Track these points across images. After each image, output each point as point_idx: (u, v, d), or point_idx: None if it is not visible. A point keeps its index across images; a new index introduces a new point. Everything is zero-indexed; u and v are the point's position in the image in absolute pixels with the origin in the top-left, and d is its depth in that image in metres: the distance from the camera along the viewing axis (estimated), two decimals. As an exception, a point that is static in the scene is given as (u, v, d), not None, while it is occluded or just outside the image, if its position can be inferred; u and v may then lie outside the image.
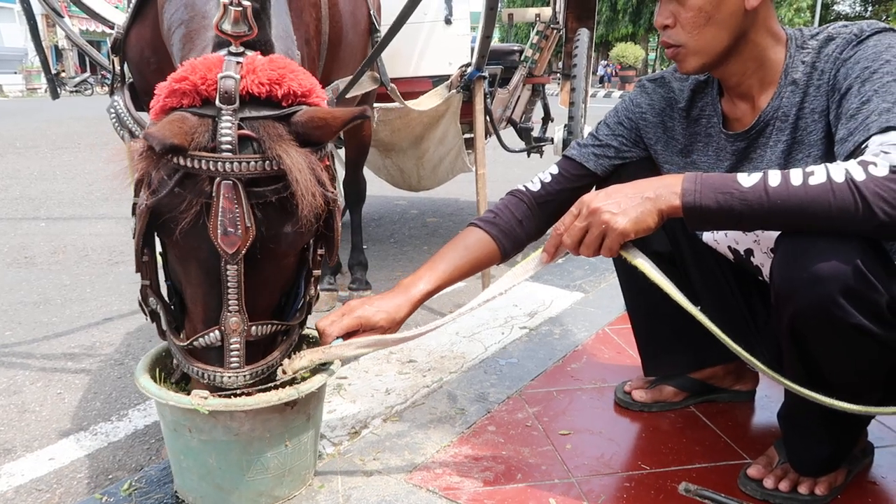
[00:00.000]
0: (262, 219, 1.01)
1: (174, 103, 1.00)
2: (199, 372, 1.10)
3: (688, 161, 1.40)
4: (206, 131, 0.98)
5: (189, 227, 0.98)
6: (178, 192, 0.97)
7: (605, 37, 28.62)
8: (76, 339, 2.49)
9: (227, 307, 1.04)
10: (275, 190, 1.00)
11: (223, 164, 0.96)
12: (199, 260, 1.04)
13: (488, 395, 1.72)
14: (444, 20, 3.32)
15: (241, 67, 1.00)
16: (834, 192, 0.96)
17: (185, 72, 1.00)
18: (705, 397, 1.66)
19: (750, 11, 1.19)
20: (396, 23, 1.79)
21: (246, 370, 1.10)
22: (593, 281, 2.69)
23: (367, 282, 2.93)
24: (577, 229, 1.13)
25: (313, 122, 1.01)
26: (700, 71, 1.27)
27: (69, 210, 4.83)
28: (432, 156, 3.50)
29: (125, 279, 3.20)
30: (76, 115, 12.89)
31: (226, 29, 1.02)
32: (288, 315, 1.20)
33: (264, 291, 1.10)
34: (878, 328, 1.02)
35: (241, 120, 0.99)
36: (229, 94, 0.98)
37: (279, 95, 1.02)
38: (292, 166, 0.97)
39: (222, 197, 0.96)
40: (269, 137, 0.98)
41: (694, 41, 1.22)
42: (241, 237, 0.98)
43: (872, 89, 1.07)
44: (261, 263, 1.04)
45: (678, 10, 1.21)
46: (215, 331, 1.07)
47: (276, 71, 1.02)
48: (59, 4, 2.20)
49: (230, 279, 1.02)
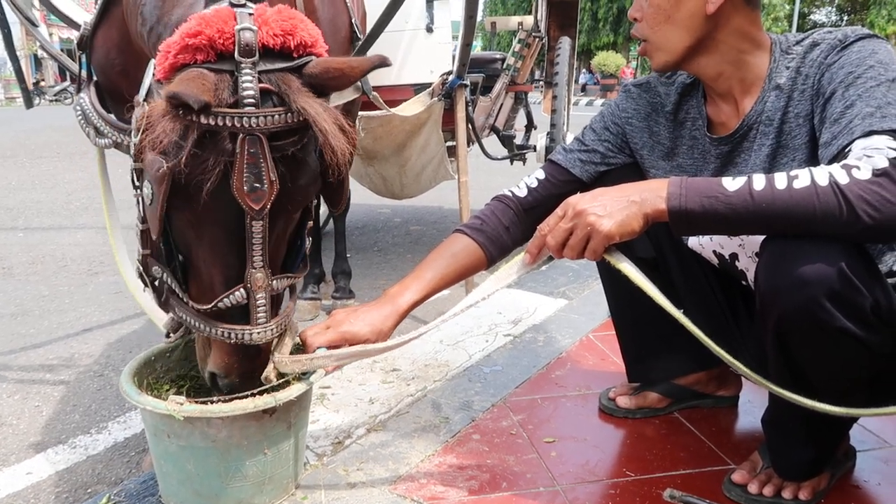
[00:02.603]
0: (284, 172, 0.99)
1: (187, 59, 0.96)
2: (226, 332, 1.07)
3: (673, 164, 1.41)
4: (227, 87, 0.95)
5: (214, 185, 0.95)
6: (197, 152, 0.94)
7: (587, 45, 28.85)
8: (54, 351, 2.45)
9: (252, 264, 1.02)
10: (294, 142, 0.99)
11: (248, 119, 0.94)
12: (221, 220, 1.01)
13: (473, 403, 1.71)
14: (426, 28, 3.33)
15: (254, 19, 0.98)
16: (818, 196, 0.97)
17: (199, 26, 0.96)
18: (689, 403, 1.66)
19: (711, 16, 1.20)
20: (374, 30, 1.79)
21: (272, 324, 1.08)
22: (577, 287, 2.69)
23: (351, 290, 2.91)
24: (561, 230, 1.13)
25: (329, 72, 1.00)
26: (667, 68, 1.29)
27: (48, 220, 4.77)
28: (415, 164, 3.49)
29: (105, 289, 3.16)
30: (56, 124, 12.75)
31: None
32: (295, 266, 1.19)
33: (279, 245, 1.10)
34: (861, 331, 1.03)
35: (260, 73, 0.97)
36: (250, 47, 0.95)
37: (292, 46, 1.00)
38: (317, 117, 0.95)
39: (246, 153, 0.94)
40: (290, 90, 0.97)
41: (656, 37, 1.25)
42: (266, 192, 0.96)
43: (856, 94, 1.08)
44: (278, 217, 1.03)
45: (644, 5, 1.25)
46: (240, 289, 1.04)
47: (288, 21, 1.00)
48: (36, 14, 2.18)
49: (255, 235, 1.00)
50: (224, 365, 1.11)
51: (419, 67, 3.31)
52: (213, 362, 1.13)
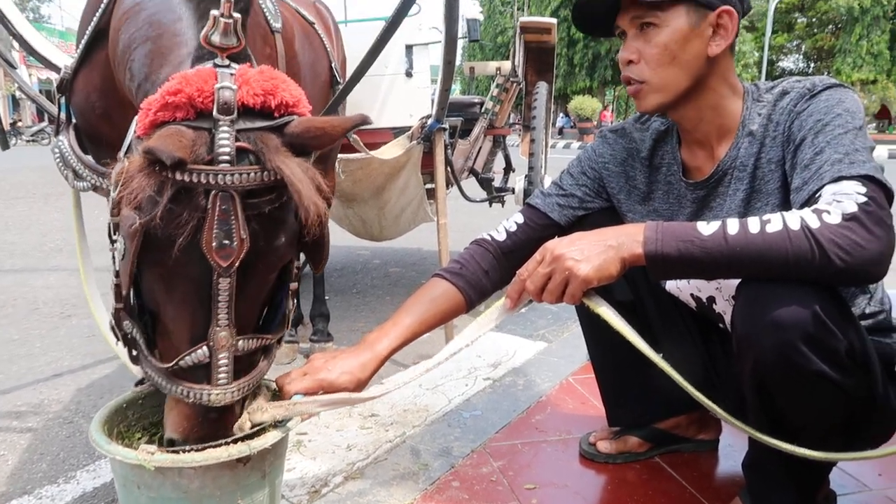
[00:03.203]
0: (257, 230, 0.98)
1: (167, 116, 0.97)
2: (185, 391, 1.05)
3: (649, 209, 1.43)
4: (204, 144, 0.95)
5: (184, 242, 0.94)
6: (171, 208, 0.94)
7: (564, 90, 29.44)
8: (23, 397, 2.38)
9: (217, 322, 1.01)
10: (269, 201, 0.98)
11: (222, 176, 0.94)
12: (188, 276, 1.00)
13: (452, 449, 1.69)
14: (405, 73, 3.38)
15: (235, 78, 0.99)
16: (791, 240, 0.98)
17: (179, 84, 0.97)
18: (670, 447, 1.65)
19: (711, 59, 1.23)
20: (354, 75, 1.81)
21: (233, 386, 1.06)
22: (556, 330, 2.69)
23: (329, 333, 2.88)
24: (540, 275, 1.13)
25: (310, 131, 1.01)
26: (658, 110, 1.29)
27: (21, 262, 4.69)
28: (394, 206, 3.50)
29: (77, 332, 3.10)
30: (32, 164, 12.65)
31: (215, 41, 1.01)
32: (270, 328, 1.17)
33: (251, 304, 1.08)
34: (837, 374, 1.04)
35: (238, 132, 0.97)
36: (228, 105, 0.96)
37: (273, 106, 1.00)
38: (293, 177, 0.95)
39: (218, 209, 0.94)
40: (267, 149, 0.97)
41: (657, 78, 1.24)
42: (235, 249, 0.96)
43: (825, 141, 1.11)
44: (250, 275, 1.02)
45: (643, 47, 1.24)
46: (202, 347, 1.03)
47: (270, 81, 1.01)
48: (15, 56, 2.18)
49: (221, 293, 0.99)
50: (181, 429, 1.08)
51: (399, 111, 3.35)
52: (170, 425, 1.10)
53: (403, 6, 1.69)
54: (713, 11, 1.21)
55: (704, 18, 1.21)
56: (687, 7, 1.20)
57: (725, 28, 1.22)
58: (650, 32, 1.23)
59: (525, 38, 4.22)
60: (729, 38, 1.23)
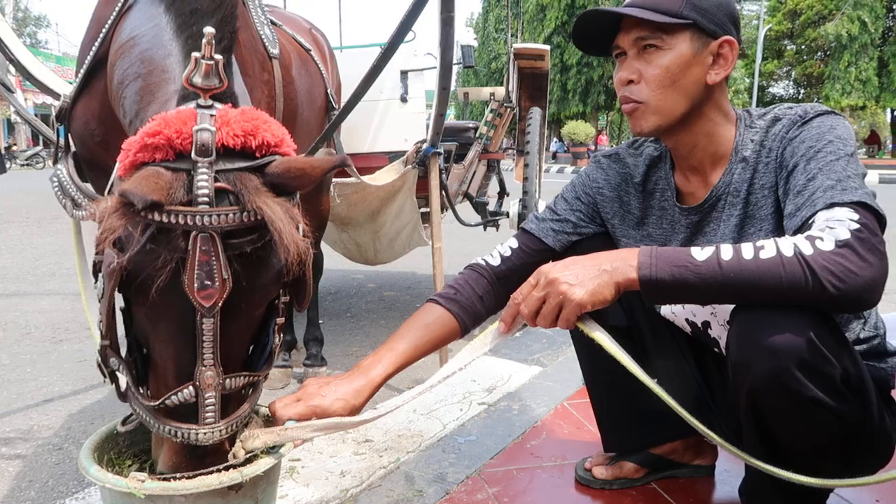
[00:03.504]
0: (239, 270, 0.98)
1: (146, 158, 0.98)
2: (172, 430, 1.04)
3: (643, 234, 1.43)
4: (182, 185, 0.96)
5: (164, 283, 0.95)
6: (151, 248, 0.95)
7: (557, 115, 29.71)
8: (12, 423, 2.36)
9: (202, 362, 1.01)
10: (251, 241, 0.99)
11: (200, 217, 0.94)
12: (172, 316, 1.00)
13: (447, 475, 1.67)
14: (400, 98, 3.41)
15: (215, 120, 1.00)
16: (784, 266, 0.99)
17: (158, 126, 0.98)
18: (666, 473, 1.64)
19: (709, 86, 1.25)
20: (350, 101, 1.83)
21: (221, 424, 1.05)
22: (551, 354, 2.68)
23: (323, 357, 2.87)
24: (534, 299, 1.13)
25: (291, 171, 1.01)
26: (654, 133, 1.29)
27: (13, 286, 4.66)
28: (389, 230, 3.51)
29: (69, 357, 3.07)
30: (26, 188, 12.64)
31: (196, 82, 1.02)
32: (257, 365, 1.16)
33: (237, 343, 1.07)
34: (832, 400, 1.03)
35: (217, 172, 0.98)
36: (206, 147, 0.97)
37: (253, 146, 1.01)
38: (273, 217, 0.95)
39: (199, 250, 0.94)
40: (246, 189, 0.97)
41: (656, 100, 1.25)
42: (217, 290, 0.96)
43: (817, 167, 1.12)
44: (234, 315, 1.02)
45: (644, 68, 1.24)
46: (189, 387, 1.02)
47: (250, 122, 1.01)
48: (12, 80, 2.19)
49: (205, 333, 0.99)
50: (171, 464, 1.08)
51: (394, 136, 3.37)
52: (161, 461, 1.10)
53: (399, 33, 1.71)
54: (716, 40, 1.22)
55: (707, 46, 1.23)
56: (692, 33, 1.22)
57: (725, 58, 1.24)
58: (652, 54, 1.23)
59: (519, 64, 4.27)
60: (728, 68, 1.24)
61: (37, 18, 36.64)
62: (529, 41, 22.21)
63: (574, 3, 27.98)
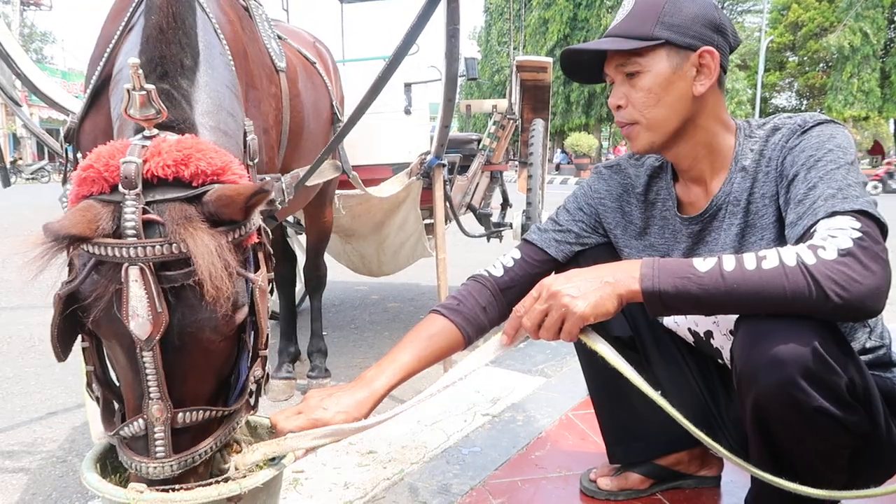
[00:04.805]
0: (178, 303, 0.97)
1: (85, 192, 1.00)
2: (128, 461, 1.05)
3: (645, 244, 1.43)
4: (111, 218, 0.96)
5: (104, 313, 0.96)
6: (91, 279, 0.96)
7: (560, 127, 29.77)
8: (16, 436, 2.36)
9: (149, 395, 1.00)
10: (187, 273, 0.96)
11: (127, 249, 0.94)
12: (121, 346, 1.00)
13: (451, 486, 1.67)
14: (404, 110, 3.43)
15: (146, 151, 1.00)
16: (787, 276, 0.99)
17: (91, 160, 0.99)
18: (671, 484, 1.63)
19: (698, 98, 1.25)
20: (355, 113, 1.84)
21: (172, 460, 1.03)
22: (555, 365, 2.68)
23: (327, 369, 2.87)
24: (536, 312, 1.13)
25: (221, 200, 0.99)
26: (651, 149, 1.31)
27: (17, 299, 4.67)
28: (393, 241, 3.52)
29: (72, 370, 3.07)
30: (31, 202, 12.69)
31: (133, 114, 1.03)
32: (230, 400, 1.15)
33: (194, 377, 1.06)
34: (839, 410, 1.03)
35: (149, 203, 0.97)
36: (129, 179, 0.96)
37: (186, 176, 1.00)
38: (195, 249, 0.94)
39: (131, 282, 0.94)
40: (172, 220, 0.96)
41: (646, 119, 1.27)
42: (151, 322, 0.95)
43: (818, 176, 1.12)
44: (185, 348, 1.01)
45: (629, 92, 1.27)
46: (139, 419, 1.02)
47: (182, 151, 1.00)
48: (18, 94, 2.21)
49: (147, 366, 0.98)
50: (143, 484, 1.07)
51: (398, 148, 3.39)
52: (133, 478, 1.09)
53: (404, 45, 1.72)
54: (695, 52, 1.23)
55: (687, 59, 1.24)
56: (668, 50, 1.23)
57: (708, 67, 1.24)
58: (635, 77, 1.26)
59: (521, 76, 4.29)
60: (712, 77, 1.25)
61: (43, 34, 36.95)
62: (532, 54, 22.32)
63: (576, 17, 28.10)
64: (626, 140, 1.33)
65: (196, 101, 1.19)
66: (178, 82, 1.15)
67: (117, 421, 1.09)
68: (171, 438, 1.03)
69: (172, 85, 1.14)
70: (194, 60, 1.22)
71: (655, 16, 1.23)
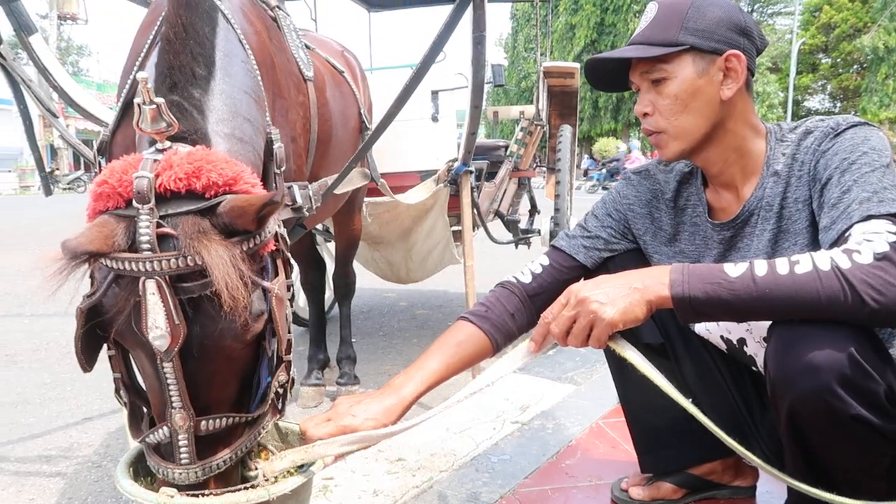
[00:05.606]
0: (196, 314, 0.99)
1: (101, 207, 1.01)
2: (156, 467, 1.07)
3: (676, 250, 1.42)
4: (126, 232, 0.98)
5: (125, 325, 0.98)
6: (112, 292, 0.98)
7: (589, 132, 29.63)
8: (53, 441, 2.41)
9: (171, 404, 1.02)
10: (203, 285, 0.97)
11: (143, 263, 0.95)
12: (144, 356, 1.03)
13: (480, 494, 1.66)
14: (431, 118, 3.44)
15: (158, 165, 1.01)
16: (821, 280, 0.97)
17: (105, 175, 1.01)
18: (705, 494, 1.60)
19: (725, 102, 1.24)
20: (384, 121, 1.85)
21: (197, 466, 1.05)
22: (585, 372, 2.65)
23: (356, 376, 2.88)
24: (565, 319, 1.13)
25: (234, 211, 1.00)
26: (680, 156, 1.30)
27: (54, 306, 4.78)
28: (421, 248, 3.52)
29: (108, 376, 3.11)
30: (67, 211, 12.95)
31: (144, 128, 1.04)
32: (252, 406, 1.16)
33: (214, 385, 1.07)
34: (877, 419, 1.00)
35: (163, 217, 0.98)
36: (142, 194, 0.97)
37: (198, 188, 1.01)
38: (210, 261, 0.95)
39: (148, 295, 0.96)
40: (186, 233, 0.97)
41: (673, 127, 1.26)
42: (170, 334, 0.96)
43: (852, 179, 1.10)
44: (205, 358, 1.02)
45: (656, 99, 1.26)
46: (164, 426, 1.04)
47: (194, 164, 1.01)
48: (56, 106, 2.27)
49: (168, 376, 1.00)
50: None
51: (425, 155, 3.40)
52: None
53: (430, 54, 1.73)
54: (720, 56, 1.22)
55: (713, 64, 1.22)
56: (693, 56, 1.22)
57: (735, 71, 1.23)
58: (661, 84, 1.25)
59: (548, 82, 4.28)
60: (740, 81, 1.23)
61: (79, 48, 37.88)
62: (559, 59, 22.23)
63: (603, 21, 27.99)
64: (655, 148, 1.32)
65: (210, 109, 1.20)
66: (188, 92, 1.16)
67: (144, 427, 1.11)
68: (195, 445, 1.04)
69: (183, 96, 1.16)
70: (208, 69, 1.23)
71: (679, 21, 1.22)
